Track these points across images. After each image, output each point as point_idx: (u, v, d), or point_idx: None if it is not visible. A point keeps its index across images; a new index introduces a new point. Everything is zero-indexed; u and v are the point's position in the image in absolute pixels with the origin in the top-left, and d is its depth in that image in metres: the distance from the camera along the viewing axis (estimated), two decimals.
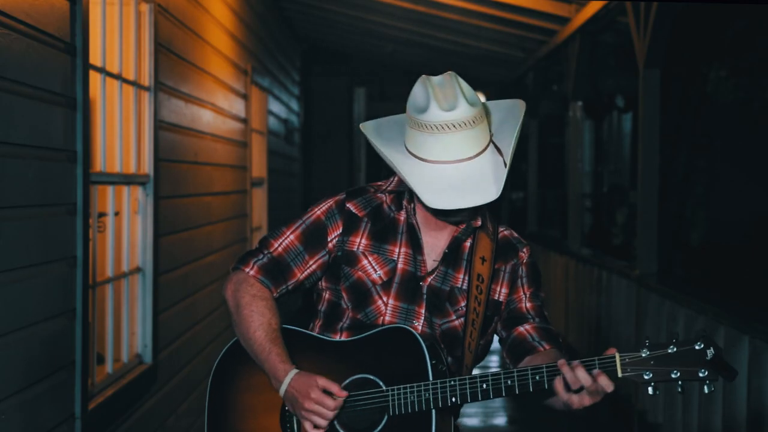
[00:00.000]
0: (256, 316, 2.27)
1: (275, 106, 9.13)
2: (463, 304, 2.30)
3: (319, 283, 2.37)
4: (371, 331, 2.25)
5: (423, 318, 2.28)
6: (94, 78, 3.80)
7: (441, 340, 2.29)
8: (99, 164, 3.94)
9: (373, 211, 2.34)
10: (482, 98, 2.30)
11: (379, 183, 2.41)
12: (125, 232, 4.36)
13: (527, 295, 2.38)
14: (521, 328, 2.35)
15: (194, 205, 5.46)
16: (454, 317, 2.31)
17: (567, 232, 9.50)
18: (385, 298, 2.29)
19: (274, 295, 2.33)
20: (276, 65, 9.34)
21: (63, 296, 3.32)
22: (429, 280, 2.30)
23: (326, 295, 2.36)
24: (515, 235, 2.44)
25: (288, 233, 2.34)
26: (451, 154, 2.13)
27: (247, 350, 2.30)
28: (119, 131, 4.24)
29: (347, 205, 2.34)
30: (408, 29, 9.96)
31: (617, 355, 2.07)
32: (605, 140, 13.12)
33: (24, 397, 2.97)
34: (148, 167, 4.49)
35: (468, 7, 8.33)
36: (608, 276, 7.17)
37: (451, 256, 2.32)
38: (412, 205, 2.33)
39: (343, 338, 2.30)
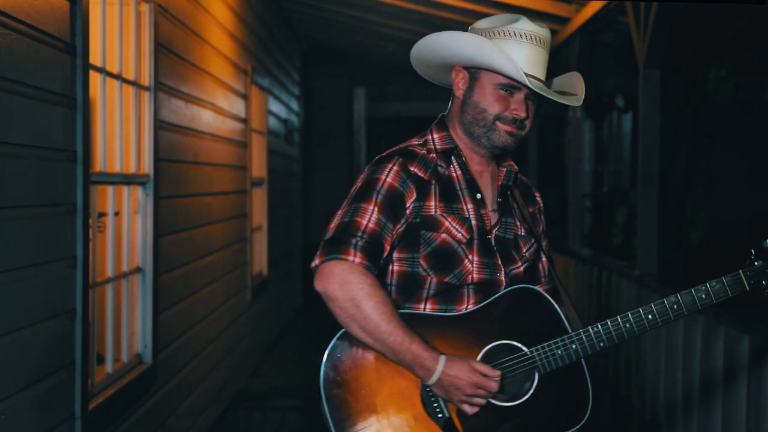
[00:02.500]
0: (385, 308, 2.17)
1: (275, 106, 9.13)
2: (524, 250, 2.38)
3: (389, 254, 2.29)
4: (492, 298, 2.28)
5: (502, 270, 2.33)
6: (94, 78, 3.80)
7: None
8: (99, 164, 3.94)
9: (433, 171, 2.33)
10: None
11: (418, 143, 2.38)
12: (125, 232, 4.36)
13: (544, 250, 2.47)
14: None
15: (194, 205, 5.46)
16: (519, 264, 2.37)
17: (567, 232, 9.49)
18: (470, 256, 2.29)
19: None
20: (276, 65, 9.33)
21: (63, 296, 3.32)
22: (495, 232, 2.35)
23: (395, 267, 2.29)
24: (524, 178, 2.55)
25: (370, 208, 2.23)
26: (530, 65, 2.27)
27: (372, 345, 2.19)
28: (119, 131, 4.24)
29: (411, 169, 2.30)
30: (408, 29, 9.95)
31: (741, 271, 2.32)
32: (605, 140, 13.11)
33: (24, 397, 2.97)
34: (148, 167, 4.49)
35: (468, 7, 8.33)
36: (608, 276, 7.17)
37: (504, 205, 2.39)
38: (464, 159, 2.36)
39: (470, 308, 2.28)
